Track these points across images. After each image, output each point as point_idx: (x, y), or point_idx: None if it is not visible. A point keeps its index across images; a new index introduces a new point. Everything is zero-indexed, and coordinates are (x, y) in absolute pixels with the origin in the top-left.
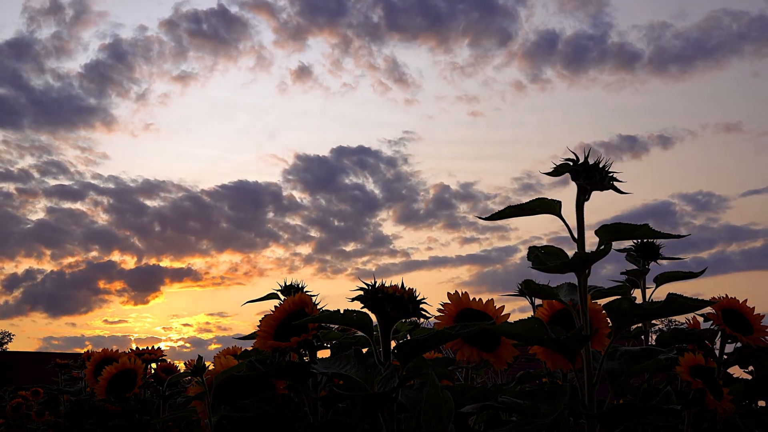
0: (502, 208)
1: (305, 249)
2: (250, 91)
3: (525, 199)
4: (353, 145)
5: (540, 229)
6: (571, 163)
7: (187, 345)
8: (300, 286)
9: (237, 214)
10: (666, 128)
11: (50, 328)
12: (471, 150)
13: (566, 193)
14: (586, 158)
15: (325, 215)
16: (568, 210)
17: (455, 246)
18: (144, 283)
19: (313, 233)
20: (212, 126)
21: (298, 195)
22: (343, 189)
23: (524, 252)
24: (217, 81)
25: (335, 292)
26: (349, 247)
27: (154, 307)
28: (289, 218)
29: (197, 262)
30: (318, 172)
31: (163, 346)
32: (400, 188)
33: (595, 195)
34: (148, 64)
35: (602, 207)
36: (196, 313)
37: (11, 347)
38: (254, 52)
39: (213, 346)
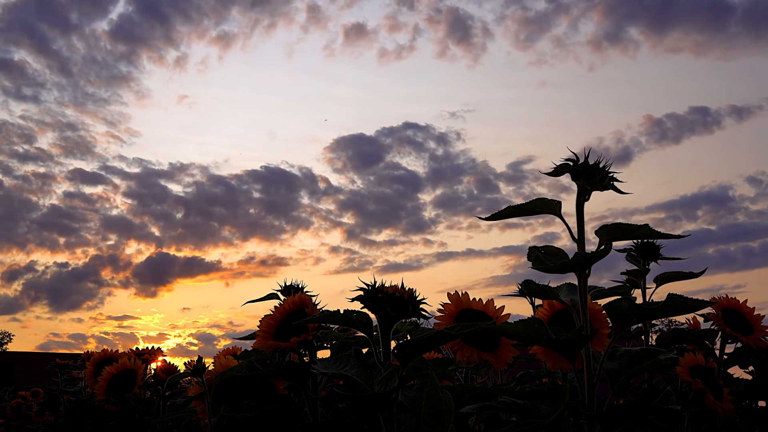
0: (543, 194)
1: (335, 239)
2: (295, 55)
3: (572, 183)
4: (403, 119)
5: (588, 212)
6: (571, 164)
7: (195, 342)
8: (300, 286)
9: (266, 200)
10: (744, 97)
11: (54, 323)
12: (533, 123)
13: (626, 174)
14: (586, 158)
15: (362, 201)
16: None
17: (495, 233)
18: (157, 275)
19: (346, 219)
20: (250, 98)
21: (336, 178)
22: (385, 170)
23: (566, 240)
24: (260, 42)
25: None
26: (381, 237)
27: (165, 301)
28: (323, 203)
29: (216, 253)
30: (360, 152)
31: (171, 343)
32: (446, 169)
33: (651, 179)
34: (186, 22)
35: (657, 191)
36: (210, 307)
37: (11, 347)
38: (303, 4)
39: (223, 343)
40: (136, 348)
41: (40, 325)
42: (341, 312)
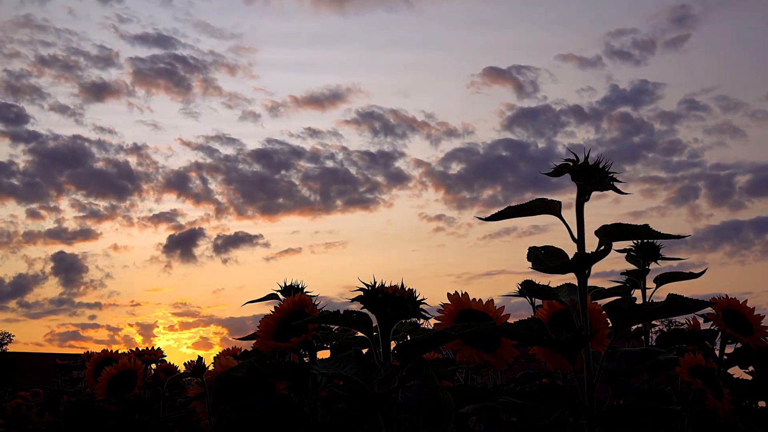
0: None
1: (429, 203)
2: None
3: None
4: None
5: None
6: (571, 164)
7: (222, 331)
8: (300, 286)
9: (365, 154)
10: None
11: (65, 309)
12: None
13: None
14: (586, 158)
15: (480, 150)
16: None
17: (632, 196)
18: (193, 249)
19: (451, 173)
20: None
21: (458, 122)
22: (528, 106)
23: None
24: None
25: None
26: (485, 195)
27: (198, 280)
28: (431, 156)
29: (279, 224)
30: (506, 86)
31: (195, 335)
32: (605, 101)
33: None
34: None
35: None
36: (244, 288)
37: (11, 348)
38: None
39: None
40: (137, 348)
41: (48, 310)
42: (341, 312)
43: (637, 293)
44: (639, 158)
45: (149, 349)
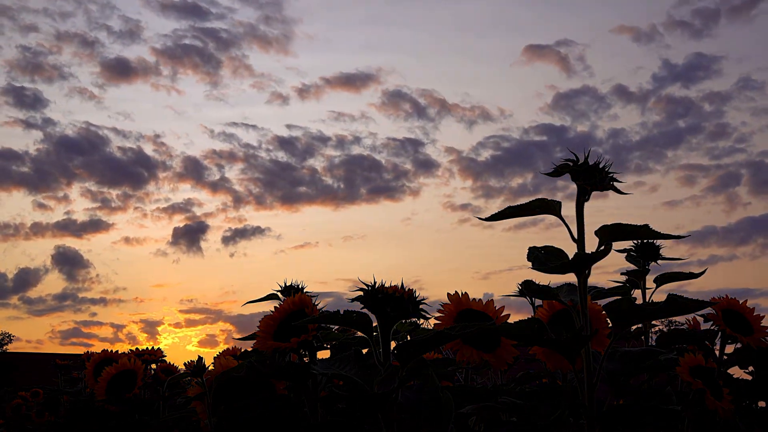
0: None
1: (456, 191)
2: None
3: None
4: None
5: None
6: (571, 164)
7: (230, 329)
8: (300, 286)
9: (395, 140)
10: None
11: (68, 305)
12: None
13: None
14: (586, 159)
15: (515, 135)
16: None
17: (670, 184)
18: (198, 241)
19: (481, 159)
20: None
21: (496, 104)
22: (571, 88)
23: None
24: None
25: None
26: (513, 183)
27: (207, 275)
28: (461, 141)
29: (297, 216)
30: (548, 64)
31: (206, 330)
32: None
33: None
34: None
35: None
36: (257, 285)
37: (12, 348)
38: None
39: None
40: (137, 348)
41: (51, 307)
42: (341, 312)
43: (637, 293)
44: (683, 143)
45: (149, 349)
